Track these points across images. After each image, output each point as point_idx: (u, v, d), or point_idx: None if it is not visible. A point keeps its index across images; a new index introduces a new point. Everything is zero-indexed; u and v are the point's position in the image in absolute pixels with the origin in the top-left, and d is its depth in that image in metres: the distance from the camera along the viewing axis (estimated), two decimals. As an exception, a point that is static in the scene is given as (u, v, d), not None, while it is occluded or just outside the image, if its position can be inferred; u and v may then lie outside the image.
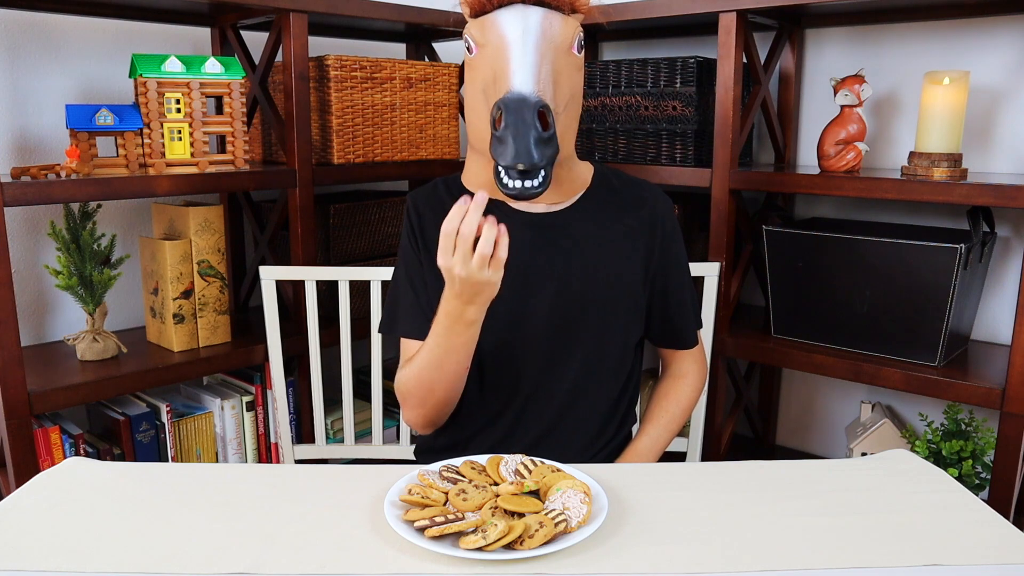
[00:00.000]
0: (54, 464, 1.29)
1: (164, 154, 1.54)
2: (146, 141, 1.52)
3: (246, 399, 1.75)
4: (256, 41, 1.85)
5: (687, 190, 2.02)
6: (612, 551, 0.82)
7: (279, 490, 0.95)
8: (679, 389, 1.27)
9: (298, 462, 1.58)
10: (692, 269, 1.27)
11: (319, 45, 2.08)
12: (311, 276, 1.52)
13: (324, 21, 1.80)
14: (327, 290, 1.77)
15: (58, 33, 1.69)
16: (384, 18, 1.76)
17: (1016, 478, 1.42)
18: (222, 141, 1.64)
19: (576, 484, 0.88)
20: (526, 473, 0.92)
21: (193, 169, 1.57)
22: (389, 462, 1.24)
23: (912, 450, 1.53)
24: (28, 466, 1.39)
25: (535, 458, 0.96)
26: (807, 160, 1.89)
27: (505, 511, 0.85)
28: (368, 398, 1.78)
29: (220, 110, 1.65)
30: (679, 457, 1.59)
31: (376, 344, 1.55)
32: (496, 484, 0.91)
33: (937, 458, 1.51)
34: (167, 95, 1.53)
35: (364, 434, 1.91)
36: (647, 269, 1.18)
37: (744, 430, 2.07)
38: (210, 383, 1.83)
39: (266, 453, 1.80)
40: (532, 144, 0.90)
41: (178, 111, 1.55)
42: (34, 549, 0.82)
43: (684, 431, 1.59)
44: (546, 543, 0.80)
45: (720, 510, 0.90)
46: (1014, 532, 0.86)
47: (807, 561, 0.80)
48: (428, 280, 1.17)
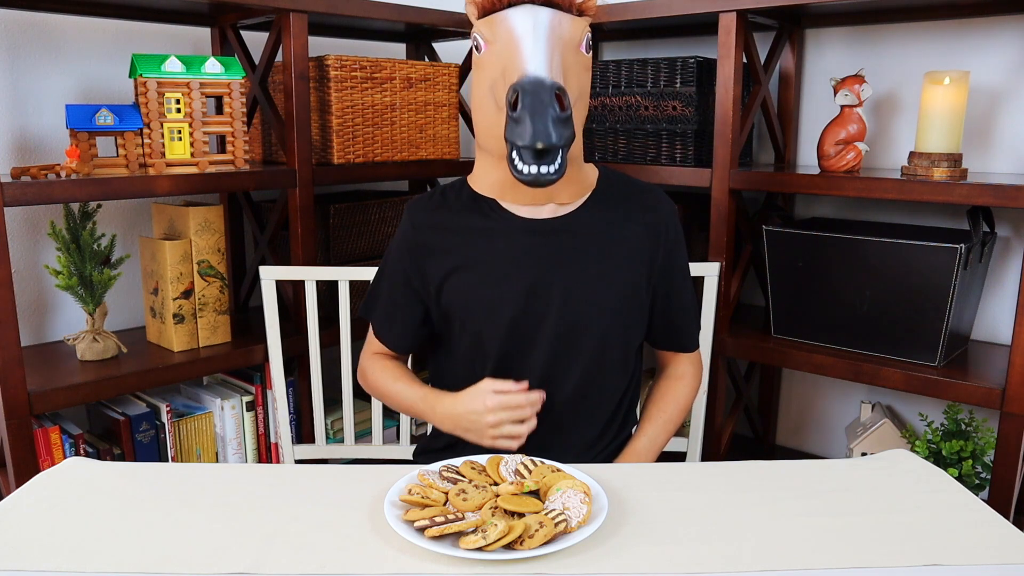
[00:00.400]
0: (54, 464, 1.29)
1: (164, 154, 1.54)
2: (146, 141, 1.52)
3: (246, 399, 1.75)
4: (256, 41, 1.85)
5: (687, 190, 2.02)
6: (612, 551, 0.82)
7: (279, 490, 0.95)
8: (677, 389, 1.27)
9: (298, 462, 1.58)
10: (692, 269, 1.27)
11: (319, 45, 2.08)
12: (311, 276, 1.52)
13: (324, 21, 1.80)
14: (327, 290, 1.77)
15: (58, 33, 1.69)
16: (384, 18, 1.76)
17: (1016, 478, 1.42)
18: (222, 141, 1.64)
19: (576, 484, 0.88)
20: (526, 473, 0.93)
21: (193, 169, 1.57)
22: (389, 462, 1.24)
23: (912, 450, 1.53)
24: (28, 466, 1.39)
25: (535, 458, 0.96)
26: (807, 160, 1.89)
27: (505, 511, 0.85)
28: (368, 398, 1.78)
29: (220, 110, 1.65)
30: (679, 457, 1.59)
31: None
32: (496, 484, 0.91)
33: (937, 458, 1.51)
34: (167, 95, 1.53)
35: (364, 434, 1.91)
36: (651, 273, 1.18)
37: (744, 430, 2.07)
38: (210, 383, 1.83)
39: (266, 453, 1.80)
40: (551, 123, 0.90)
41: (178, 111, 1.55)
42: (34, 549, 0.82)
43: (684, 431, 1.59)
44: (546, 543, 0.80)
45: (720, 510, 0.90)
46: (1014, 532, 0.86)
47: (807, 561, 0.80)
48: (416, 287, 1.21)
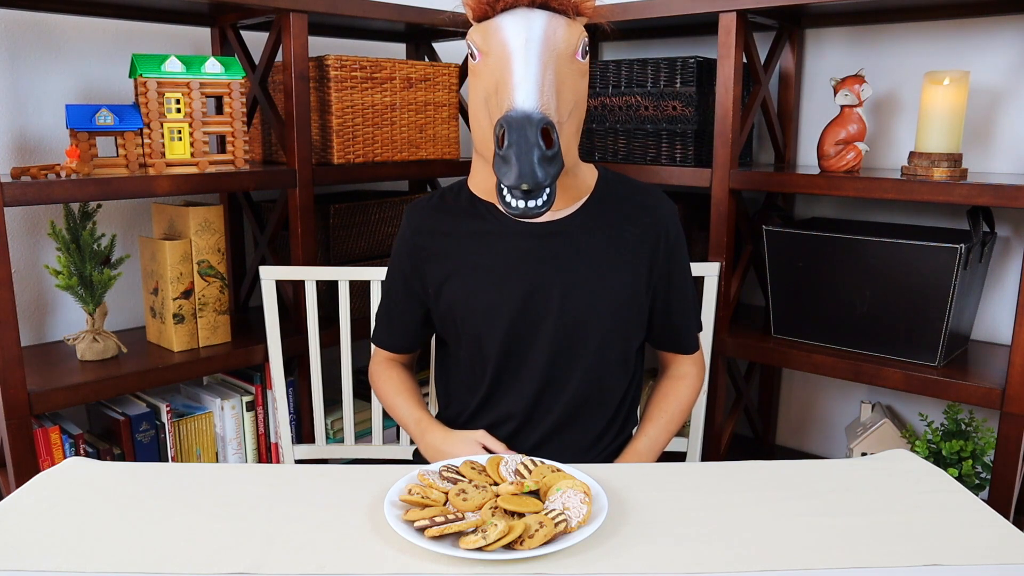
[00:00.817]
0: (54, 464, 1.29)
1: (164, 154, 1.54)
2: (146, 141, 1.52)
3: (246, 399, 1.75)
4: (256, 41, 1.85)
5: (687, 190, 2.02)
6: (612, 551, 0.82)
7: (279, 490, 0.95)
8: (678, 390, 1.27)
9: (298, 462, 1.58)
10: (692, 269, 1.27)
11: (319, 45, 2.08)
12: (311, 276, 1.52)
13: (324, 21, 1.80)
14: (327, 290, 1.77)
15: (58, 33, 1.69)
16: (384, 18, 1.76)
17: (1016, 478, 1.42)
18: (222, 141, 1.64)
19: (576, 484, 0.88)
20: (526, 473, 0.93)
21: (193, 169, 1.57)
22: (389, 462, 1.24)
23: (912, 450, 1.53)
24: (28, 466, 1.39)
25: (535, 458, 0.96)
26: (807, 160, 1.89)
27: (505, 511, 0.85)
28: (368, 398, 1.78)
29: (220, 110, 1.65)
30: (679, 457, 1.59)
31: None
32: (496, 484, 0.91)
33: (937, 458, 1.51)
34: (167, 95, 1.53)
35: (364, 434, 1.91)
36: (651, 275, 1.18)
37: (744, 430, 2.07)
38: (210, 383, 1.83)
39: (266, 453, 1.80)
40: (536, 164, 0.89)
41: (178, 111, 1.55)
42: (34, 549, 0.82)
43: (684, 431, 1.59)
44: (546, 543, 0.80)
45: (720, 510, 0.90)
46: (1014, 532, 0.86)
47: (807, 561, 0.80)
48: (416, 289, 1.23)
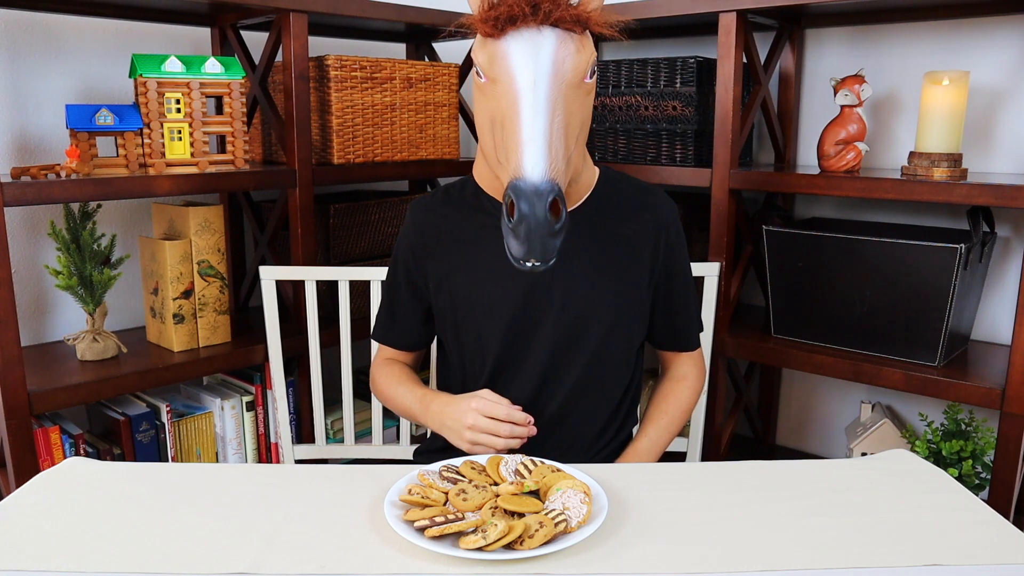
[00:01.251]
0: (54, 464, 1.29)
1: (164, 154, 1.54)
2: (146, 141, 1.52)
3: (246, 399, 1.75)
4: (256, 41, 1.85)
5: (687, 190, 2.02)
6: (612, 551, 0.82)
7: (279, 490, 0.95)
8: (679, 391, 1.27)
9: (298, 462, 1.58)
10: (692, 269, 1.27)
11: (319, 45, 2.08)
12: (311, 276, 1.52)
13: (324, 21, 1.80)
14: (327, 290, 1.77)
15: (58, 33, 1.69)
16: (384, 18, 1.76)
17: (1016, 478, 1.42)
18: (222, 141, 1.64)
19: (576, 484, 0.88)
20: (526, 473, 0.92)
21: (193, 169, 1.56)
22: (389, 462, 1.24)
23: (912, 450, 1.53)
24: (28, 466, 1.39)
25: (535, 458, 0.96)
26: (807, 160, 1.89)
27: (505, 511, 0.85)
28: (368, 398, 1.78)
29: (220, 110, 1.65)
30: (679, 457, 1.59)
31: (376, 344, 1.54)
32: (496, 484, 0.91)
33: (937, 458, 1.51)
34: (167, 95, 1.53)
35: (364, 434, 1.91)
36: (651, 274, 1.18)
37: (744, 430, 2.07)
38: (210, 383, 1.83)
39: (266, 453, 1.80)
40: (545, 242, 0.90)
41: (178, 111, 1.55)
42: (34, 549, 0.82)
43: (684, 431, 1.59)
44: (546, 543, 0.80)
45: (720, 510, 0.90)
46: (1014, 532, 0.86)
47: (807, 561, 0.80)
48: (418, 285, 1.24)
